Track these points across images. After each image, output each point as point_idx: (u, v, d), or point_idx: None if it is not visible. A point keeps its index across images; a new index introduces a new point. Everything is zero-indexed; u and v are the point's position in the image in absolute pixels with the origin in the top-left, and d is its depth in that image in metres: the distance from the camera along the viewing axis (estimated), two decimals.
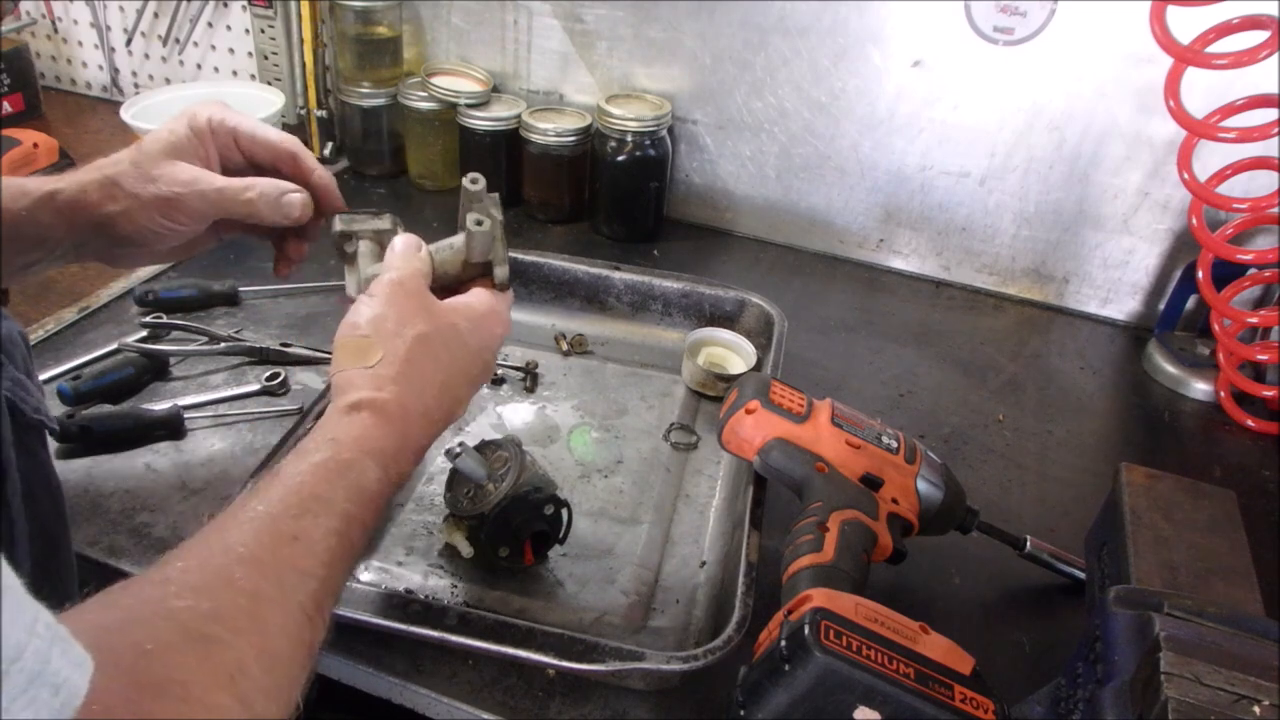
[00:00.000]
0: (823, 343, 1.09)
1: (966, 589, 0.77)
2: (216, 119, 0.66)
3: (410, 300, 0.59)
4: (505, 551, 0.70)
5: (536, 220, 1.30)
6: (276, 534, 0.45)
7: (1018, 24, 1.07)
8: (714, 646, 0.61)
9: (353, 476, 0.50)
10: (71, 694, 0.29)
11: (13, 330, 0.59)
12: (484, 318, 0.63)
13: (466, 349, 0.61)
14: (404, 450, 0.55)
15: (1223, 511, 0.66)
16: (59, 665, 0.28)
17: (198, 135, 0.65)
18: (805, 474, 0.69)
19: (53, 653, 0.28)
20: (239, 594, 0.41)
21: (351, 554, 0.49)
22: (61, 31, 1.54)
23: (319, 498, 0.48)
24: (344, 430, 0.52)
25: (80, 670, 0.30)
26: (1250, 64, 0.86)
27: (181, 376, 0.92)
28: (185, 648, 0.37)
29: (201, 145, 0.65)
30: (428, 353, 0.58)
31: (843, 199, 1.25)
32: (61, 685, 0.28)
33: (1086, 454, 0.95)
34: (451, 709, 0.64)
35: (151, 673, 0.35)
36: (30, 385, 0.59)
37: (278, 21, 1.31)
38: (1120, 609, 0.53)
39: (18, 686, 0.26)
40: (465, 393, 0.61)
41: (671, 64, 1.24)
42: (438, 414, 0.58)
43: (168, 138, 0.64)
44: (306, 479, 0.48)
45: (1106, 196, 1.13)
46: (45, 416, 0.59)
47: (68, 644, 0.29)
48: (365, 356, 0.56)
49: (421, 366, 0.57)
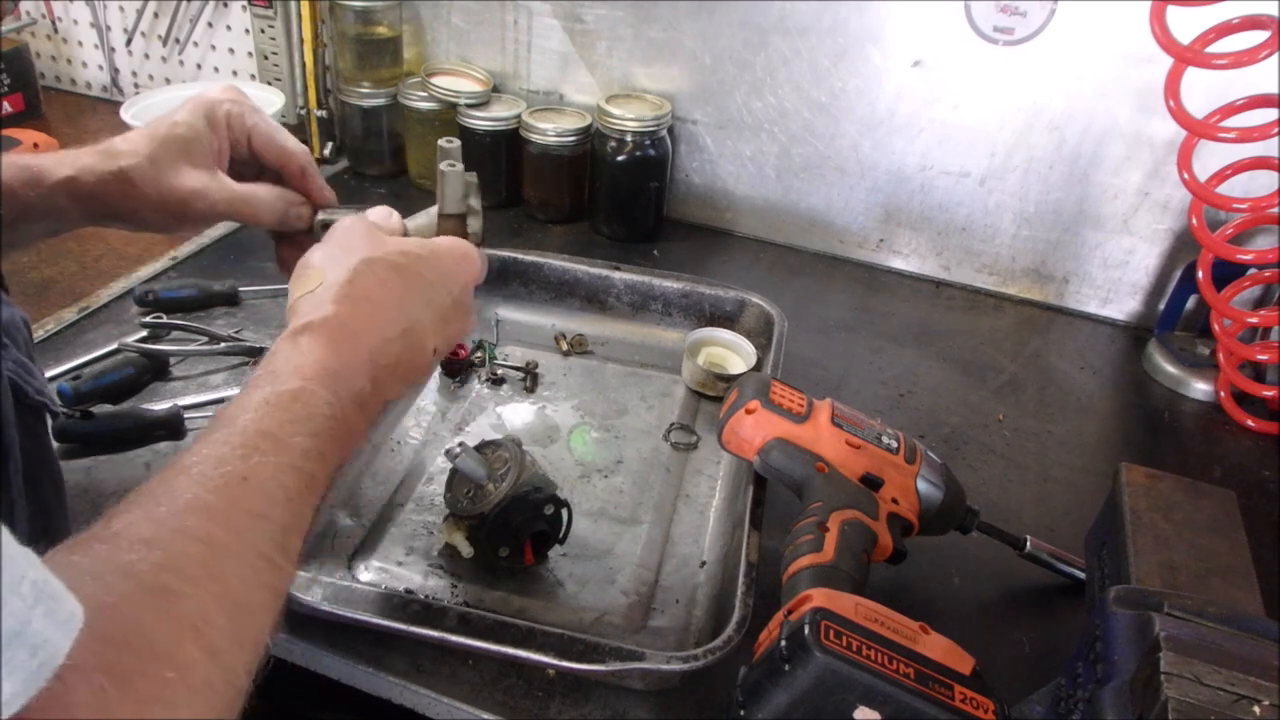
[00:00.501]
0: (823, 343, 1.09)
1: (966, 589, 0.77)
2: (235, 114, 0.66)
3: (358, 235, 0.58)
4: (505, 551, 0.70)
5: (536, 220, 1.30)
6: (225, 477, 0.42)
7: (1018, 24, 1.07)
8: (714, 646, 0.61)
9: (299, 407, 0.47)
10: (51, 655, 0.28)
11: (14, 315, 0.58)
12: (446, 253, 0.61)
13: (423, 278, 0.58)
14: (354, 368, 0.52)
15: (1223, 511, 0.66)
16: (40, 626, 0.28)
17: (214, 129, 0.65)
18: (805, 474, 0.69)
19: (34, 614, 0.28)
20: (190, 542, 0.39)
21: (313, 488, 0.47)
22: (61, 31, 1.54)
23: (266, 434, 0.45)
24: (284, 360, 0.50)
25: (64, 630, 0.29)
26: (1250, 64, 0.86)
27: (181, 376, 0.92)
28: (143, 601, 0.36)
29: (216, 139, 0.65)
30: (373, 274, 0.56)
31: (843, 199, 1.25)
32: (40, 646, 0.28)
33: (1086, 454, 0.95)
34: (451, 709, 0.64)
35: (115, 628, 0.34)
36: (33, 367, 0.59)
37: (278, 21, 1.31)
38: (1120, 609, 0.53)
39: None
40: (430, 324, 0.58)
41: (671, 64, 1.24)
42: (392, 334, 0.55)
43: (187, 134, 0.64)
44: (250, 417, 0.46)
45: (1106, 196, 1.13)
46: (47, 398, 0.59)
47: (55, 602, 0.29)
48: (307, 283, 0.55)
49: (365, 286, 0.55)
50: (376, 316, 0.54)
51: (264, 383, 0.48)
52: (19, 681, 0.27)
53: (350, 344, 0.52)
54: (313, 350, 0.50)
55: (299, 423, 0.47)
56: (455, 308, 0.61)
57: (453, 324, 0.61)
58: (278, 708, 0.85)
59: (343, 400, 0.50)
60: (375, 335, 0.54)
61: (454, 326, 0.61)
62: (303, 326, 0.52)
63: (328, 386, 0.49)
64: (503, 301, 1.05)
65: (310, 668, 0.68)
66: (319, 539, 0.74)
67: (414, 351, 0.57)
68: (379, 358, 0.54)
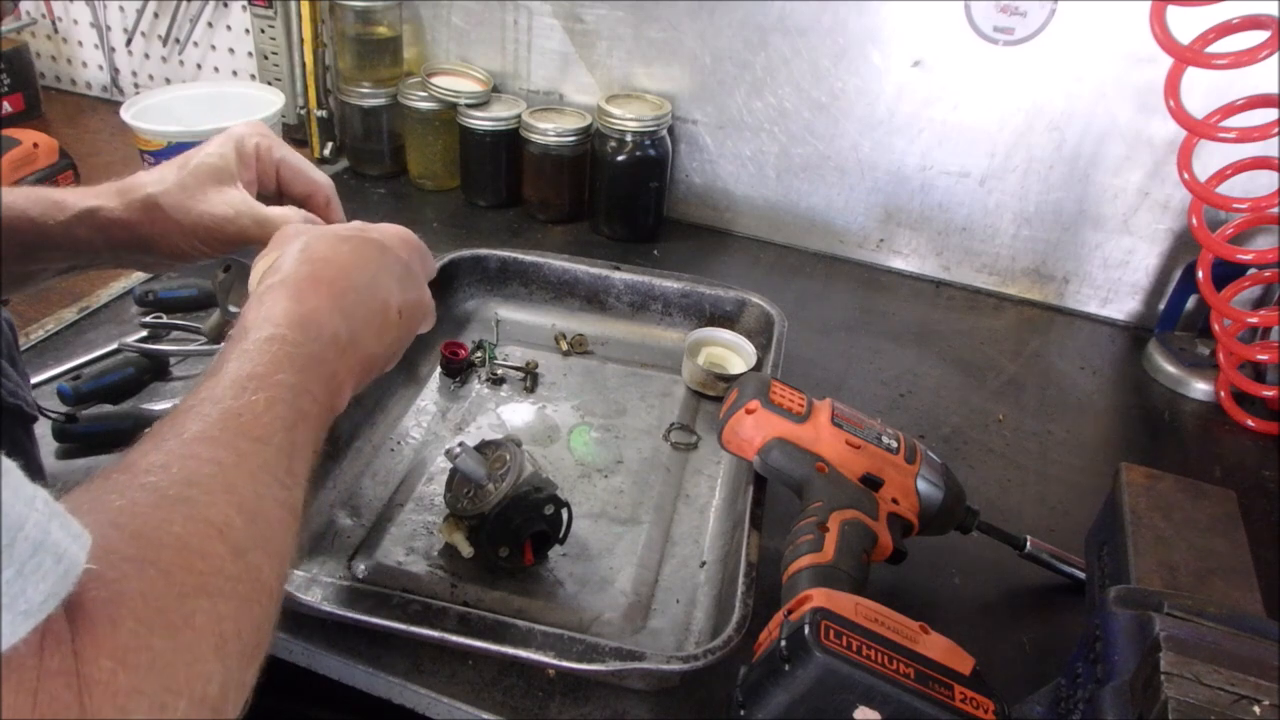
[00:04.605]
0: (823, 343, 1.09)
1: (966, 589, 0.77)
2: (264, 147, 0.68)
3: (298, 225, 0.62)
4: (505, 551, 0.70)
5: (536, 220, 1.30)
6: (223, 412, 0.45)
7: (1018, 24, 1.07)
8: (714, 646, 0.61)
9: (276, 348, 0.50)
10: (72, 563, 0.30)
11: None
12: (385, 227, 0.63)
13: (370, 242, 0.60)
14: (322, 311, 0.54)
15: (1223, 511, 0.66)
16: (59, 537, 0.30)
17: (243, 161, 0.67)
18: (805, 474, 0.69)
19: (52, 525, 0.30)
20: (202, 463, 0.42)
21: (308, 421, 0.50)
22: (61, 31, 1.54)
23: (251, 375, 0.48)
24: (254, 313, 0.52)
25: (78, 543, 0.31)
26: (1250, 64, 0.86)
27: (181, 376, 0.92)
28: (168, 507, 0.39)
29: (246, 170, 0.67)
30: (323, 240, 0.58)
31: (843, 199, 1.25)
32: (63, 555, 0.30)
33: (1086, 454, 0.95)
34: (451, 709, 0.64)
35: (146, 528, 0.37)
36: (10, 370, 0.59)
37: (278, 21, 1.31)
38: (1120, 609, 0.53)
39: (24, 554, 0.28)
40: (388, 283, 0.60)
41: (671, 64, 1.24)
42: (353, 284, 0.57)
43: (217, 163, 0.65)
44: (233, 364, 0.48)
45: (1106, 196, 1.13)
46: (24, 401, 0.59)
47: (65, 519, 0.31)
48: (265, 264, 0.57)
49: (318, 249, 0.57)
50: (334, 270, 0.56)
51: (238, 336, 0.50)
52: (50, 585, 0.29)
53: (313, 292, 0.54)
54: (279, 302, 0.52)
55: (279, 361, 0.49)
56: (408, 275, 0.62)
57: (410, 290, 0.62)
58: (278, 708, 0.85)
59: (320, 341, 0.52)
60: (337, 285, 0.56)
61: (413, 294, 0.62)
62: (265, 289, 0.54)
63: (299, 330, 0.51)
64: (503, 301, 1.05)
65: (310, 667, 0.68)
66: (319, 539, 0.74)
67: (379, 306, 0.58)
68: (345, 304, 0.55)
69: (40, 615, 0.29)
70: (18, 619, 0.28)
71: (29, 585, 0.28)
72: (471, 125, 1.25)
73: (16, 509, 0.28)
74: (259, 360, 0.49)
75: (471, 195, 1.32)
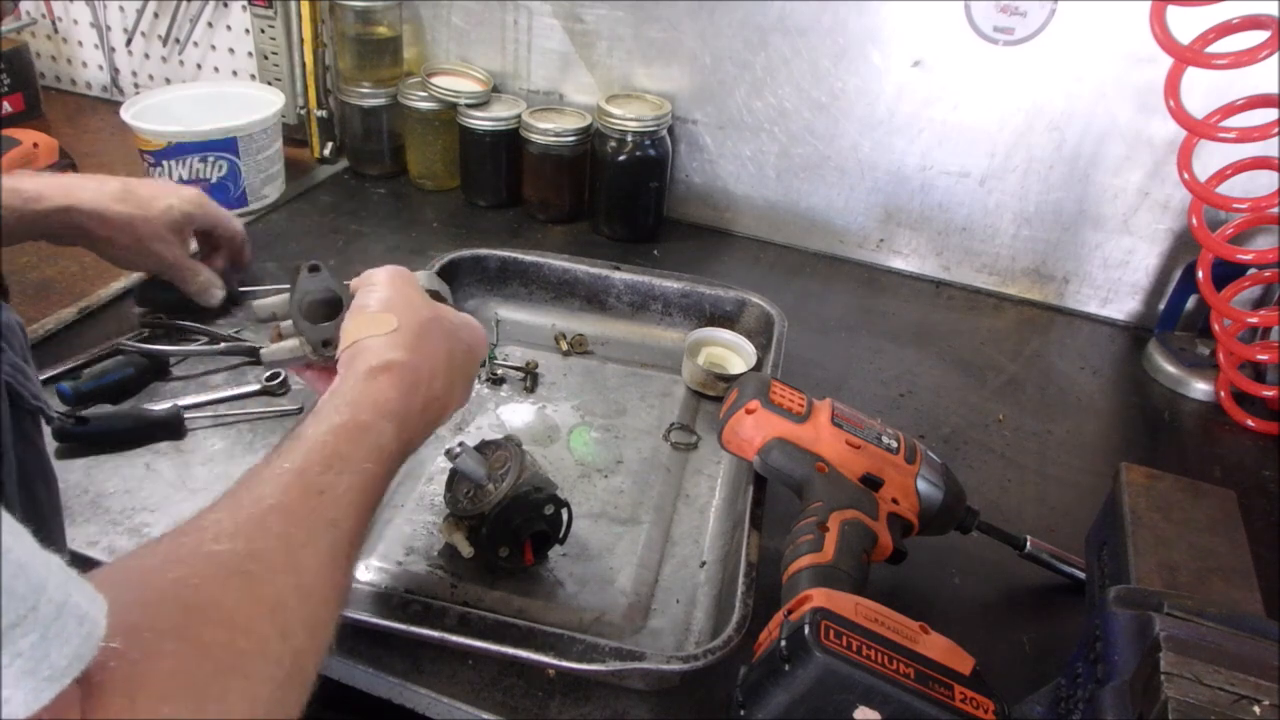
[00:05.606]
0: (823, 343, 1.09)
1: (966, 589, 0.77)
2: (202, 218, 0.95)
3: (410, 287, 0.65)
4: (505, 551, 0.70)
5: (536, 220, 1.30)
6: (304, 487, 0.47)
7: (1018, 24, 1.07)
8: (714, 646, 0.61)
9: (371, 437, 0.53)
10: (93, 626, 0.30)
11: (11, 319, 0.59)
12: (476, 329, 0.69)
13: (462, 344, 0.65)
14: (413, 412, 0.58)
15: (1223, 511, 0.66)
16: (78, 599, 0.30)
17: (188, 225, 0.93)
18: (805, 474, 0.69)
19: (70, 588, 0.29)
20: (272, 538, 0.43)
21: (370, 507, 0.52)
22: (61, 31, 1.54)
23: (341, 456, 0.50)
24: (363, 394, 0.56)
25: (96, 605, 0.31)
26: (1250, 64, 0.86)
27: (181, 376, 0.92)
28: (227, 581, 0.39)
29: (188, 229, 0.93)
30: (439, 330, 0.63)
31: (843, 199, 1.25)
32: (84, 617, 0.30)
33: (1086, 454, 0.95)
34: (451, 709, 0.64)
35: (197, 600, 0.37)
36: (30, 371, 0.59)
37: (278, 21, 1.31)
38: (1120, 609, 0.53)
39: (48, 616, 0.28)
40: (457, 386, 0.65)
41: (671, 64, 1.24)
42: (441, 390, 0.61)
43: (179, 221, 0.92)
44: (329, 439, 0.51)
45: (1106, 196, 1.13)
46: (43, 404, 0.60)
47: (80, 582, 0.31)
48: (382, 325, 0.60)
49: (432, 341, 0.61)
50: (435, 370, 0.61)
51: (342, 411, 0.54)
52: (74, 648, 0.29)
53: (414, 391, 0.58)
54: (388, 390, 0.57)
55: (369, 450, 0.53)
56: (471, 379, 0.68)
57: (467, 392, 0.67)
58: None
59: (403, 438, 0.57)
60: (431, 387, 0.60)
61: (465, 393, 0.67)
62: (383, 366, 0.57)
63: (394, 424, 0.56)
64: (503, 301, 1.05)
65: None
66: None
67: (444, 408, 0.63)
68: (430, 414, 0.61)
69: (65, 680, 0.28)
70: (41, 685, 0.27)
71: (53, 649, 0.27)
72: (471, 125, 1.25)
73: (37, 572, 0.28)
74: (353, 443, 0.52)
75: (471, 195, 1.32)
